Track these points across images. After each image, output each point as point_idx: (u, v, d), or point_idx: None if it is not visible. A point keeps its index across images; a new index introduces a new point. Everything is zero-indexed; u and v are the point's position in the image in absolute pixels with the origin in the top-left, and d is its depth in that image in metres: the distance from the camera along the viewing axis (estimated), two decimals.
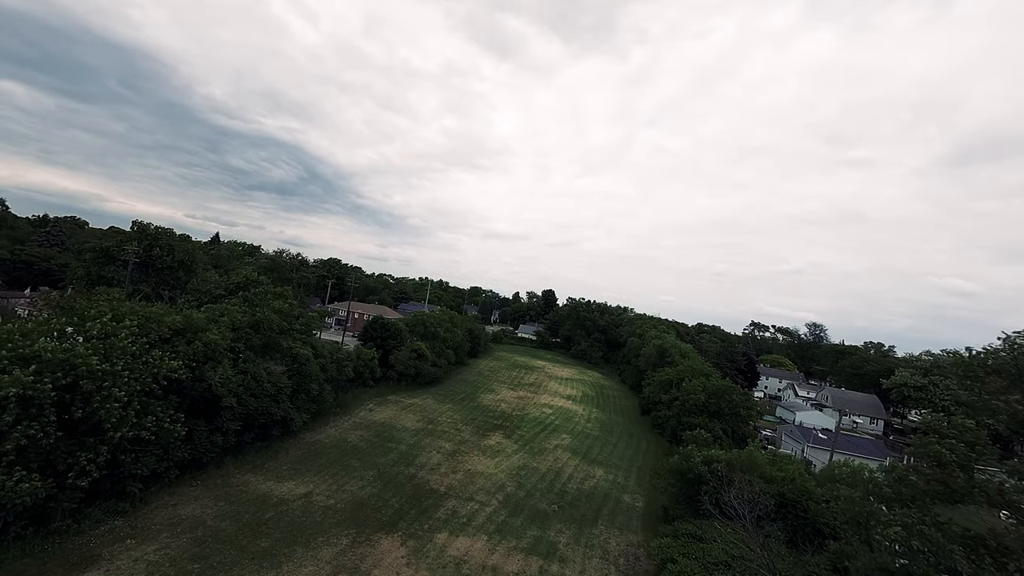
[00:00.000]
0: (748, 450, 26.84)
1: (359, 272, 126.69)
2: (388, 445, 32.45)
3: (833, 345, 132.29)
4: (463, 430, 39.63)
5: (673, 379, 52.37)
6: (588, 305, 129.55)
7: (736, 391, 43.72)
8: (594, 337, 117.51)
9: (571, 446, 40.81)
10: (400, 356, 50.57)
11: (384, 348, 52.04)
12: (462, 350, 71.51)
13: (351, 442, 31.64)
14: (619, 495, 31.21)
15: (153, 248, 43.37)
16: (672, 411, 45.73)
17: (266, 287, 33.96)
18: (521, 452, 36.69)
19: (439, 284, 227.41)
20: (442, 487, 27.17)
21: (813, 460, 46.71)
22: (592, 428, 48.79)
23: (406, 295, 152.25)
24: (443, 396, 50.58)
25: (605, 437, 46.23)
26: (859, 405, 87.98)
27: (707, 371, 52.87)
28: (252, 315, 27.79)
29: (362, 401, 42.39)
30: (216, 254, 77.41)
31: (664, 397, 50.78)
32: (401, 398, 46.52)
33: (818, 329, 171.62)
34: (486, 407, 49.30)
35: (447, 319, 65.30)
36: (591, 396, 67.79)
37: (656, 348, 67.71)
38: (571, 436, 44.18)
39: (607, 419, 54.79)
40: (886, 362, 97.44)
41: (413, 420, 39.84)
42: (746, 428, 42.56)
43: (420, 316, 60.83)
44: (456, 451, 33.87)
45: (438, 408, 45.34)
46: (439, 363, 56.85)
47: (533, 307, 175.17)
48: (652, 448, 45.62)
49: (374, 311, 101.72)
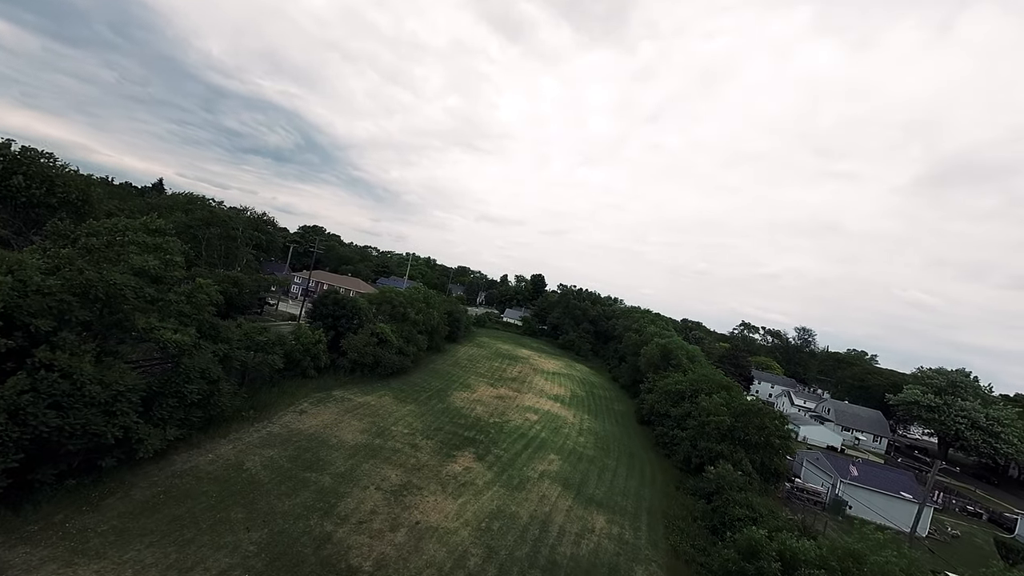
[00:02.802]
0: (849, 546, 17.62)
1: (336, 240, 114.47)
2: (305, 476, 22.67)
3: (831, 353, 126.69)
4: (422, 447, 30.09)
5: (685, 390, 43.65)
6: (579, 293, 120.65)
7: (769, 414, 35.18)
8: (583, 327, 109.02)
9: (561, 474, 31.75)
10: (354, 340, 40.43)
11: (336, 329, 41.79)
12: (438, 334, 61.74)
13: (248, 471, 21.74)
14: (630, 566, 22.22)
15: (12, 176, 31.75)
16: (685, 432, 37.01)
17: (134, 235, 22.99)
18: (496, 485, 27.41)
19: (426, 261, 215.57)
20: (367, 562, 17.61)
21: (849, 501, 38.85)
22: (585, 444, 39.88)
23: (388, 269, 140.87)
24: (406, 393, 40.89)
25: (602, 459, 37.38)
26: (863, 421, 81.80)
27: (726, 382, 44.31)
28: (78, 276, 17.18)
29: (293, 399, 32.39)
30: (155, 203, 65.12)
31: (673, 411, 42.08)
32: (350, 394, 36.67)
33: (806, 334, 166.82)
34: (458, 410, 39.84)
35: (421, 298, 55.14)
36: (581, 397, 59.07)
37: (660, 348, 59.03)
38: (561, 457, 35.14)
39: (601, 430, 46.05)
40: (892, 376, 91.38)
41: (356, 430, 30.10)
42: (780, 462, 34.20)
43: (388, 293, 50.51)
44: (405, 486, 24.33)
45: (396, 411, 35.65)
46: (407, 350, 46.99)
47: (521, 291, 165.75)
48: (659, 475, 37.02)
49: (345, 283, 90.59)
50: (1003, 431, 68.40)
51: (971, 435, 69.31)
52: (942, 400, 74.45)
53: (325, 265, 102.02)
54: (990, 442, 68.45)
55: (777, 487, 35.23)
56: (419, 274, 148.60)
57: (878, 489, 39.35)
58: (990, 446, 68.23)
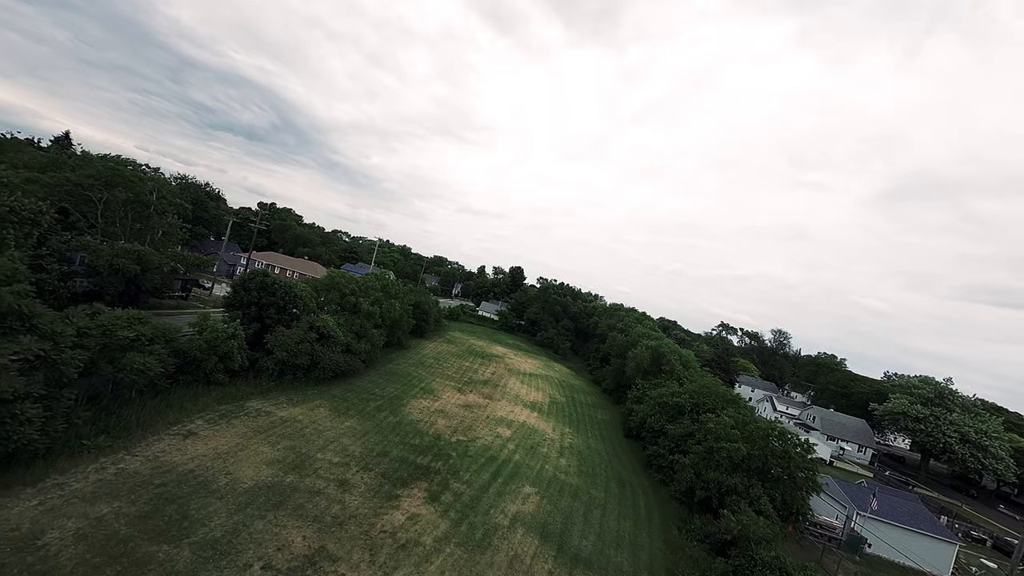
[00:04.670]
0: None
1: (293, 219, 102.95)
2: (149, 551, 14.63)
3: (811, 357, 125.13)
4: (354, 485, 22.41)
5: (684, 404, 37.40)
6: (560, 288, 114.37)
7: (792, 438, 29.16)
8: (563, 324, 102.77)
9: (539, 517, 24.72)
10: (284, 336, 32.08)
11: (263, 321, 33.32)
12: (401, 328, 53.81)
13: (43, 550, 13.55)
14: None
15: None
16: (688, 458, 30.64)
17: None
18: (451, 543, 20.07)
19: (400, 249, 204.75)
20: None
21: (868, 537, 33.54)
22: (568, 468, 33.05)
23: (356, 255, 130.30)
24: (350, 402, 32.95)
25: (588, 489, 30.60)
26: (848, 430, 78.86)
27: (731, 396, 38.41)
28: None
29: (182, 415, 24.02)
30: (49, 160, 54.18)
31: (671, 429, 35.76)
32: (271, 406, 28.48)
33: (782, 336, 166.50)
34: (413, 425, 32.23)
35: (379, 286, 46.87)
36: (561, 404, 52.42)
37: (650, 351, 52.91)
38: (538, 490, 28.13)
39: (585, 447, 39.41)
40: (876, 384, 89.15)
41: (264, 460, 22.11)
42: (802, 500, 28.26)
43: (337, 278, 42.06)
44: (313, 559, 16.65)
45: (329, 428, 27.74)
46: (357, 347, 38.94)
47: (499, 284, 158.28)
48: (656, 511, 30.57)
49: (300, 268, 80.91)
50: (991, 444, 66.18)
51: (960, 449, 66.78)
52: (929, 411, 71.91)
53: (279, 246, 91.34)
54: (978, 456, 66.11)
55: (796, 526, 29.41)
56: (390, 262, 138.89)
57: (903, 525, 34.24)
58: (978, 460, 65.89)
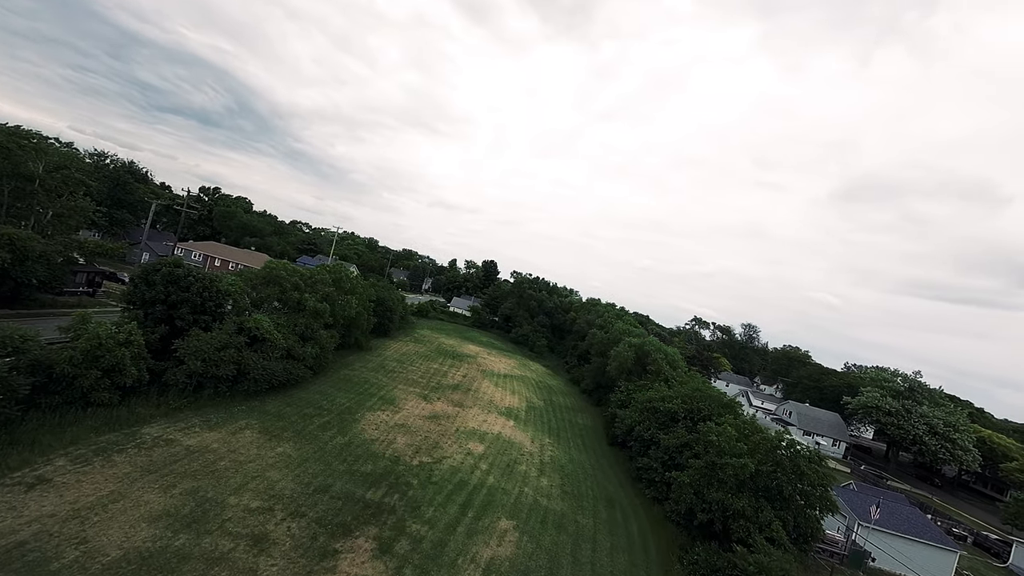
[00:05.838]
0: None
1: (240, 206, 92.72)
2: None
3: (783, 351, 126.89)
4: (276, 541, 16.90)
5: (677, 410, 33.64)
6: (535, 283, 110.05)
7: (803, 453, 25.77)
8: (539, 320, 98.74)
9: (517, 565, 20.00)
10: (200, 341, 25.74)
11: (172, 322, 26.82)
12: (359, 327, 47.76)
13: None
14: None
15: None
16: (687, 475, 26.76)
17: None
18: None
19: (366, 241, 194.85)
20: None
21: (871, 550, 30.90)
22: (550, 492, 28.53)
23: (315, 246, 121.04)
24: (286, 420, 27.08)
25: (574, 516, 26.19)
26: (824, 425, 78.85)
27: (727, 401, 35.03)
28: None
29: (37, 451, 17.72)
30: None
31: (663, 438, 31.89)
32: (176, 431, 22.35)
33: (751, 330, 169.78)
34: (365, 446, 26.77)
35: (330, 280, 40.63)
36: (539, 409, 48.03)
37: (634, 350, 49.27)
38: (517, 523, 23.43)
39: (567, 460, 35.10)
40: (848, 377, 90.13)
41: (148, 513, 16.25)
42: (816, 521, 24.94)
43: (276, 270, 35.61)
44: None
45: (253, 458, 21.95)
46: (301, 352, 32.95)
47: (471, 279, 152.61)
48: (651, 537, 26.55)
49: (245, 259, 72.49)
50: (958, 437, 67.18)
51: (931, 441, 67.43)
52: (900, 404, 72.53)
53: (222, 235, 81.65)
54: (947, 447, 66.97)
55: (807, 551, 26.14)
56: (354, 254, 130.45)
57: (903, 534, 31.89)
58: (947, 452, 66.73)
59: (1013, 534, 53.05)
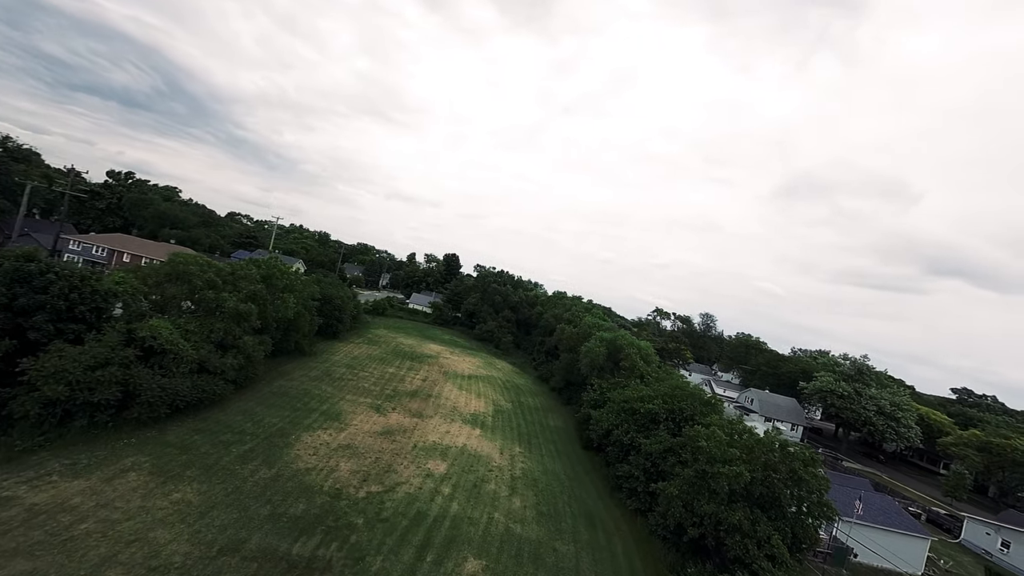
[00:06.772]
0: None
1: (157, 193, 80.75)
2: None
3: (740, 338, 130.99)
4: None
5: (659, 412, 30.89)
6: (499, 276, 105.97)
7: (799, 457, 23.63)
8: (504, 315, 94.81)
9: None
10: (59, 360, 19.47)
11: (22, 335, 20.26)
12: (300, 330, 41.65)
13: None
14: None
15: None
16: (675, 486, 23.90)
17: None
18: None
19: (316, 235, 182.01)
20: None
21: (854, 547, 29.74)
22: (524, 515, 24.75)
23: (255, 240, 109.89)
24: (193, 453, 21.40)
25: (552, 544, 22.55)
26: (783, 410, 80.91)
27: (707, 398, 32.79)
28: None
29: None
30: None
31: (646, 444, 29.00)
32: (21, 482, 16.37)
33: (709, 319, 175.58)
34: (298, 479, 21.65)
35: (258, 276, 34.36)
36: (507, 413, 44.21)
37: (605, 345, 46.54)
38: (485, 564, 19.41)
39: (540, 472, 31.50)
40: (802, 363, 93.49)
41: None
42: (814, 530, 22.90)
43: (183, 264, 29.06)
44: None
45: (135, 512, 16.42)
46: (219, 364, 26.92)
47: (432, 273, 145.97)
48: (638, 559, 23.46)
49: (162, 254, 62.89)
50: (902, 416, 70.77)
51: (878, 421, 70.57)
52: (852, 388, 75.56)
53: (135, 226, 70.33)
54: (892, 426, 70.35)
55: (801, 560, 24.14)
56: (302, 249, 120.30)
57: (879, 525, 31.13)
58: (893, 430, 70.08)
59: (954, 506, 56.18)
